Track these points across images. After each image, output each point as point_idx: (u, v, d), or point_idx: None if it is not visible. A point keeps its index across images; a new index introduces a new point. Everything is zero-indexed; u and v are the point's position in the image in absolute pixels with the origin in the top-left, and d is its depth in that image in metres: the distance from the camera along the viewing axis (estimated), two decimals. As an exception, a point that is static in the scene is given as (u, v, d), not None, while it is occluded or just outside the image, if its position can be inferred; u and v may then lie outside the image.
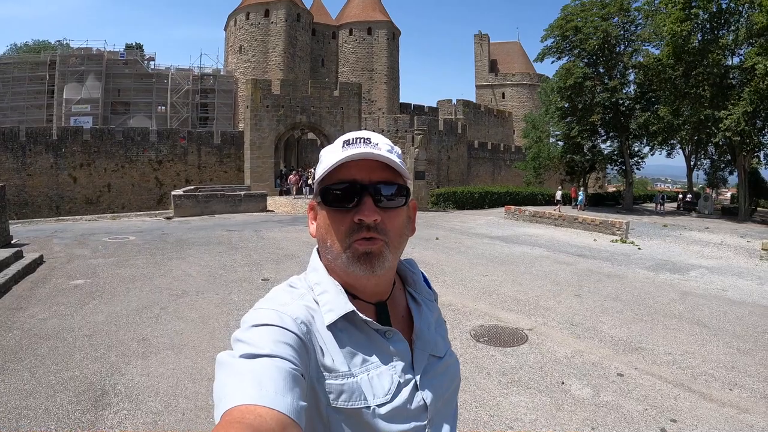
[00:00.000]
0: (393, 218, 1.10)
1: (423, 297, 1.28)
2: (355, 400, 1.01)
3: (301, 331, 0.99)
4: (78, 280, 9.18)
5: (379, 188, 1.09)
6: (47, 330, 6.39)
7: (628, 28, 31.76)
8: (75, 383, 4.85)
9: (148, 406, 4.41)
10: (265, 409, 0.80)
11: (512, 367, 5.47)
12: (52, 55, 49.46)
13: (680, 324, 7.50)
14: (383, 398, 1.03)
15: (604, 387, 5.12)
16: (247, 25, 54.33)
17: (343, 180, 1.08)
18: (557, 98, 33.53)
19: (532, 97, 75.11)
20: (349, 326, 1.08)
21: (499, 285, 9.60)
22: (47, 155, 36.24)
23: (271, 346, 0.92)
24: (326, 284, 1.12)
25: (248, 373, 0.86)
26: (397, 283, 1.25)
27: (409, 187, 1.16)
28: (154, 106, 50.12)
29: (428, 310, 1.27)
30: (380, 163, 1.10)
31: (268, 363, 0.88)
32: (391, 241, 1.10)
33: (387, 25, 62.79)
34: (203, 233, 16.20)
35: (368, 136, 1.13)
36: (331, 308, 1.08)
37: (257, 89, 33.82)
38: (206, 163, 40.31)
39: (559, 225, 20.98)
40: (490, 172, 53.77)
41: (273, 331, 0.95)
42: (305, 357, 0.97)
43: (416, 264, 1.36)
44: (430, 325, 1.23)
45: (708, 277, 11.42)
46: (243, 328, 0.98)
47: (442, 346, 1.23)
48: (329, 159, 1.10)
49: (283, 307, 1.03)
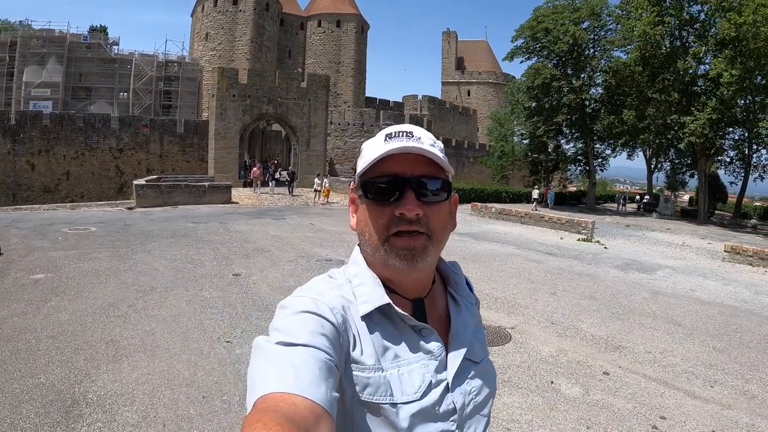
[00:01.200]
0: (435, 212, 1.09)
1: (464, 299, 1.24)
2: (381, 394, 0.99)
3: (337, 321, 0.98)
4: (38, 275, 8.72)
5: (422, 182, 1.07)
6: (7, 331, 5.99)
7: (598, 33, 32.20)
8: (42, 391, 4.51)
9: (124, 417, 4.12)
10: (300, 398, 0.79)
11: (501, 367, 5.40)
12: (12, 36, 47.41)
13: (656, 323, 7.65)
14: (412, 396, 1.01)
15: (592, 386, 5.16)
16: (215, 12, 53.13)
17: (385, 173, 1.07)
18: (524, 97, 33.83)
19: (497, 95, 75.86)
20: (384, 320, 1.07)
21: (474, 283, 9.31)
22: (4, 141, 34.73)
23: (308, 335, 0.91)
24: (364, 276, 1.11)
25: (284, 361, 0.85)
26: (438, 282, 1.23)
27: (451, 181, 1.14)
28: (117, 93, 48.52)
29: (468, 313, 1.23)
30: (423, 157, 1.08)
31: (304, 352, 0.87)
32: (434, 235, 1.08)
33: (356, 18, 62.41)
34: (168, 225, 15.75)
35: (411, 129, 1.11)
36: (368, 299, 1.06)
37: (224, 78, 33.19)
38: (168, 153, 39.40)
39: (525, 223, 21.16)
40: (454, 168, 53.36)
41: (310, 319, 0.95)
42: (339, 348, 0.96)
43: (460, 267, 1.32)
44: (468, 328, 1.20)
45: (675, 277, 11.66)
46: (281, 314, 0.98)
47: (479, 351, 1.20)
48: (371, 152, 1.08)
49: (320, 296, 1.02)
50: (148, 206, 21.85)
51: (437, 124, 60.14)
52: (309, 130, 35.77)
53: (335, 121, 42.13)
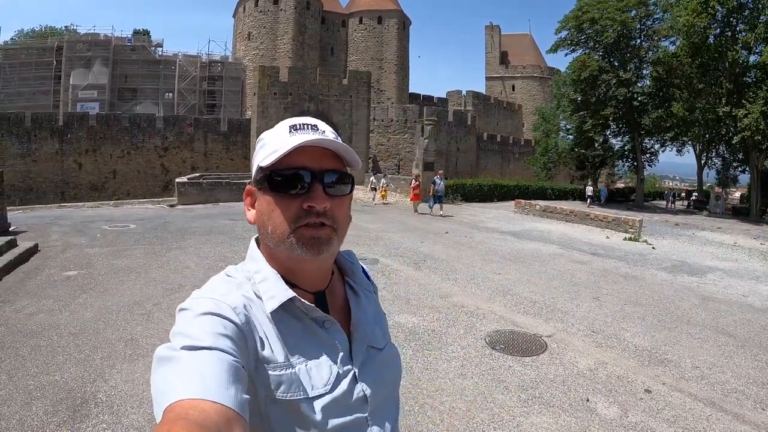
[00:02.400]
0: (340, 205, 1.11)
1: (362, 288, 1.27)
2: (293, 391, 0.99)
3: (240, 321, 0.97)
4: (71, 271, 8.77)
5: (328, 176, 1.07)
6: (32, 326, 5.98)
7: (645, 22, 31.02)
8: (54, 389, 4.42)
9: (130, 419, 3.96)
10: (209, 404, 0.77)
11: (532, 381, 4.99)
12: (59, 41, 48.99)
13: (704, 333, 6.98)
14: (322, 389, 1.02)
15: (632, 405, 4.63)
16: (256, 12, 53.72)
17: (293, 166, 1.06)
18: (570, 91, 32.86)
19: (542, 90, 74.41)
20: (287, 316, 1.06)
21: (513, 284, 9.11)
22: (53, 141, 36.02)
23: (212, 337, 0.89)
24: (266, 272, 1.10)
25: (189, 366, 0.83)
26: (336, 274, 1.24)
27: (353, 175, 1.15)
28: (162, 93, 49.62)
29: (367, 302, 1.25)
30: (329, 151, 1.10)
31: (209, 355, 0.85)
32: (339, 228, 1.10)
33: (397, 14, 62.05)
34: (206, 222, 15.82)
35: (315, 122, 1.13)
36: (273, 295, 1.05)
37: (265, 76, 33.43)
38: (213, 151, 40.04)
39: (570, 221, 20.47)
40: (499, 165, 53.07)
41: (212, 321, 0.93)
42: (244, 348, 0.94)
43: (355, 255, 1.34)
44: (368, 316, 1.22)
45: (726, 280, 10.85)
46: (181, 318, 0.96)
47: (381, 338, 1.22)
48: (276, 143, 1.07)
49: (221, 296, 1.00)
50: (190, 203, 22.10)
51: (482, 120, 59.32)
52: (351, 126, 35.77)
53: (378, 118, 41.93)
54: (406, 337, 6.02)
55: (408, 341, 5.89)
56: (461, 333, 6.30)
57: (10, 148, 35.33)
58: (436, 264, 10.62)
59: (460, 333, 6.30)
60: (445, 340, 6.03)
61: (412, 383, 4.72)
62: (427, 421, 4.13)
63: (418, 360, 5.34)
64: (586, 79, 30.27)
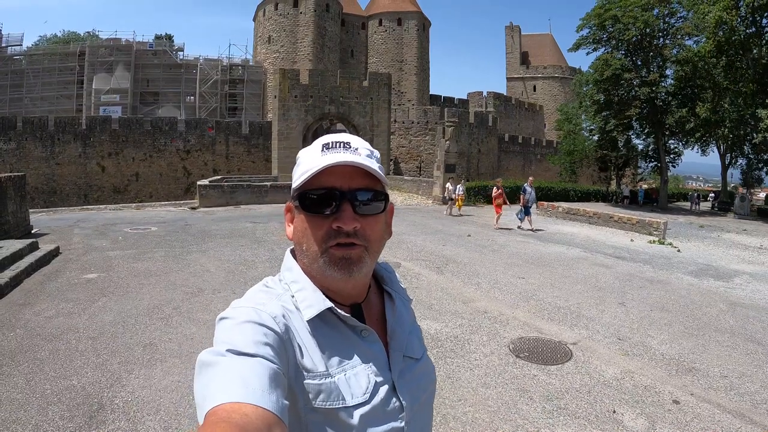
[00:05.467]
0: (372, 224, 1.10)
1: (398, 295, 1.27)
2: (333, 400, 0.99)
3: (280, 329, 0.98)
4: (91, 274, 8.79)
5: (358, 195, 1.08)
6: (51, 330, 5.97)
7: (668, 21, 30.46)
8: (71, 394, 4.39)
9: (146, 426, 3.89)
10: (251, 407, 0.79)
11: (557, 391, 4.82)
12: (81, 46, 49.80)
13: (733, 340, 6.70)
14: (361, 398, 1.02)
15: (659, 417, 4.44)
16: (276, 15, 53.90)
17: (322, 186, 1.07)
18: (593, 91, 32.38)
19: (564, 90, 73.80)
20: (324, 326, 1.07)
21: (537, 289, 8.91)
22: (76, 144, 36.55)
23: (254, 345, 0.90)
24: (303, 282, 1.11)
25: (232, 372, 0.84)
26: (373, 286, 1.23)
27: (387, 192, 1.15)
28: (183, 96, 50.18)
29: (404, 310, 1.26)
30: (360, 169, 1.08)
31: (251, 362, 0.87)
32: (370, 247, 1.09)
33: (417, 16, 61.85)
34: (227, 224, 15.84)
35: (348, 140, 1.12)
36: (311, 304, 1.07)
37: (285, 79, 33.52)
38: (234, 153, 40.28)
39: (593, 223, 20.15)
40: (521, 166, 52.64)
41: (254, 329, 0.94)
42: (284, 356, 0.95)
43: (392, 267, 1.34)
44: (404, 327, 1.22)
45: (754, 285, 10.49)
46: (223, 326, 0.97)
47: (417, 348, 1.23)
48: (308, 163, 1.09)
49: (261, 305, 1.02)
50: (211, 206, 22.20)
51: (503, 121, 58.93)
52: (372, 128, 35.72)
53: (399, 120, 41.83)
54: (428, 344, 5.86)
55: (430, 348, 5.74)
56: (484, 340, 6.15)
57: (34, 152, 35.92)
58: (458, 268, 10.47)
59: (483, 340, 6.14)
60: (468, 347, 5.88)
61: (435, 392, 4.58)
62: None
63: (440, 368, 5.20)
64: (609, 79, 29.79)
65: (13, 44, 50.60)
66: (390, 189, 20.29)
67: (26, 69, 48.53)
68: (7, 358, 5.12)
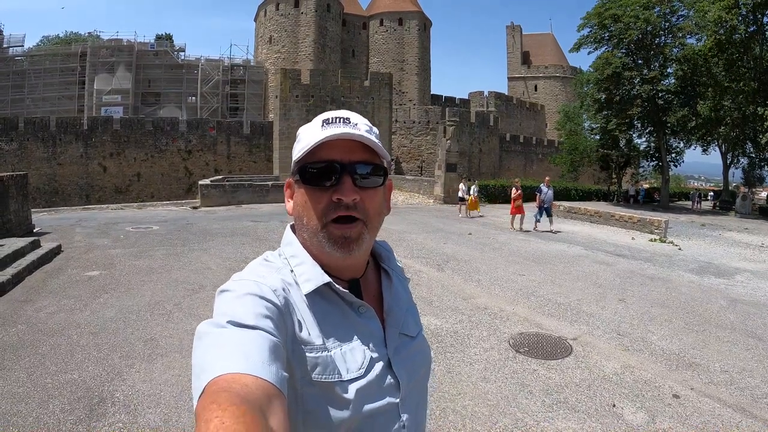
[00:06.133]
0: (371, 198, 1.11)
1: (395, 273, 1.28)
2: (329, 374, 1.00)
3: (280, 302, 0.99)
4: (93, 272, 8.82)
5: (357, 168, 1.09)
6: (52, 325, 5.99)
7: (669, 19, 30.41)
8: (72, 388, 4.41)
9: (147, 419, 3.91)
10: (252, 378, 0.79)
11: (557, 385, 4.83)
12: (83, 47, 49.87)
13: (733, 336, 6.72)
14: (356, 373, 1.03)
15: (659, 411, 4.44)
16: (277, 16, 53.92)
17: (323, 159, 1.08)
18: (594, 90, 32.34)
19: (565, 89, 73.72)
20: (322, 301, 1.08)
21: (537, 286, 8.92)
22: (77, 145, 36.63)
23: (254, 317, 0.91)
24: (302, 256, 1.12)
25: (232, 343, 0.85)
26: (371, 263, 1.24)
27: (386, 167, 1.16)
28: (185, 97, 50.28)
29: (401, 288, 1.27)
30: (359, 143, 1.10)
31: (252, 334, 0.88)
32: (369, 221, 1.11)
33: (418, 16, 61.80)
34: (228, 223, 15.87)
35: (347, 115, 1.13)
36: (309, 278, 1.08)
37: (286, 79, 33.55)
38: (235, 153, 40.33)
39: (595, 222, 20.17)
40: (522, 166, 52.60)
41: (254, 301, 0.95)
42: (284, 329, 0.97)
43: (390, 246, 1.36)
44: (401, 304, 1.23)
45: (755, 282, 10.50)
46: (223, 299, 0.98)
47: (413, 326, 1.24)
48: (308, 138, 1.10)
49: (261, 278, 1.03)
50: (213, 205, 22.25)
51: (504, 121, 58.88)
52: (373, 128, 35.77)
53: (400, 120, 41.86)
54: (429, 340, 5.85)
55: (430, 343, 5.66)
56: (484, 335, 6.16)
57: (36, 152, 36.00)
58: (459, 265, 10.48)
59: (483, 335, 6.15)
60: (468, 342, 5.89)
61: (434, 386, 4.59)
62: (449, 425, 4.00)
63: (441, 363, 5.21)
64: (610, 77, 29.76)
65: (15, 45, 50.75)
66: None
67: (28, 70, 48.61)
68: (9, 353, 5.14)
